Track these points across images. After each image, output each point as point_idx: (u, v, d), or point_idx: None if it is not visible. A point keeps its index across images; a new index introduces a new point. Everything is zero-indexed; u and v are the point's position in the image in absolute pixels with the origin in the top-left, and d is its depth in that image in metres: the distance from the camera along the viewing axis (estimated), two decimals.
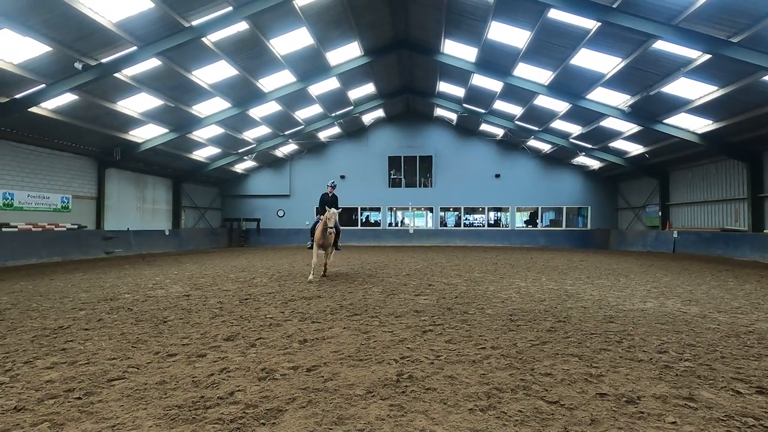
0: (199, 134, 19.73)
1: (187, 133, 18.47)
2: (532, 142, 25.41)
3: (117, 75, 12.98)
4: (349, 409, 2.91)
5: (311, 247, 9.81)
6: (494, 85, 18.68)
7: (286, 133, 23.50)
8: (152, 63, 13.14)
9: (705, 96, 13.92)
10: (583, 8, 11.14)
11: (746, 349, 4.34)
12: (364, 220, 28.75)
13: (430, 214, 28.63)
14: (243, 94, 17.11)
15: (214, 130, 19.85)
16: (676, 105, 15.21)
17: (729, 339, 4.74)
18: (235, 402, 3.03)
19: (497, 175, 27.15)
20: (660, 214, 22.15)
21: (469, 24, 14.61)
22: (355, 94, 21.15)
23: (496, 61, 16.33)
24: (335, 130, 26.27)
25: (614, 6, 10.94)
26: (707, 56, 11.43)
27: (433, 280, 9.69)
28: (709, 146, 16.57)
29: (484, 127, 25.67)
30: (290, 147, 26.70)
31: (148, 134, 18.11)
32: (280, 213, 28.38)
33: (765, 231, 15.60)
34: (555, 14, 12.19)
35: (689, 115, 15.70)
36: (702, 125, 16.03)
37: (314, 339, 4.70)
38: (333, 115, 23.00)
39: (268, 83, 16.99)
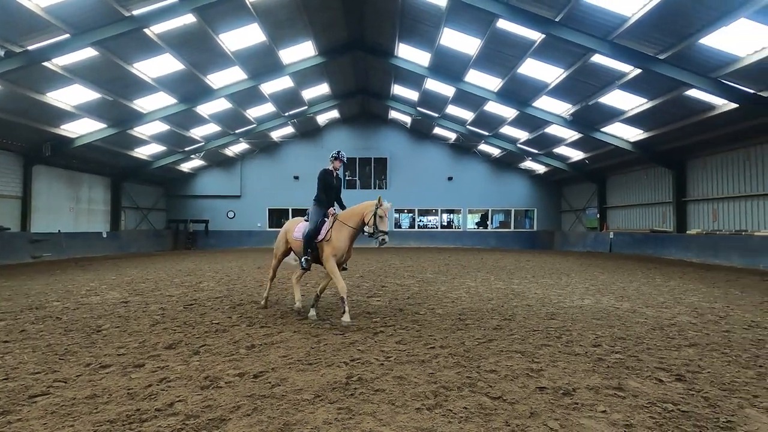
0: (142, 130, 18.63)
1: (127, 129, 17.38)
2: (483, 147, 26.29)
3: (46, 64, 11.96)
4: (296, 415, 2.85)
5: (303, 265, 5.95)
6: (447, 90, 19.14)
7: (236, 131, 22.74)
8: (87, 53, 12.24)
9: (636, 107, 15.07)
10: (528, 20, 11.69)
11: (668, 341, 4.73)
12: None
13: None
14: (190, 89, 16.36)
15: (159, 127, 18.82)
16: (612, 115, 16.34)
17: (654, 332, 5.15)
18: (175, 413, 2.89)
19: (450, 178, 27.82)
20: (598, 216, 23.69)
21: (422, 29, 14.89)
22: (309, 93, 20.87)
23: (449, 66, 16.76)
24: (289, 129, 25.78)
25: (557, 20, 11.58)
26: (638, 71, 12.38)
27: (386, 282, 9.75)
28: (640, 154, 17.94)
29: (437, 130, 26.23)
30: (241, 146, 25.88)
31: (82, 129, 16.84)
32: (231, 214, 27.41)
33: (688, 232, 17.12)
34: (503, 24, 12.69)
35: (623, 125, 16.93)
36: (634, 134, 17.33)
37: (262, 344, 4.58)
38: (286, 114, 22.56)
39: (217, 79, 16.36)
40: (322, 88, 20.91)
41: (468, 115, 21.87)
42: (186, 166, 25.80)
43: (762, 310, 6.48)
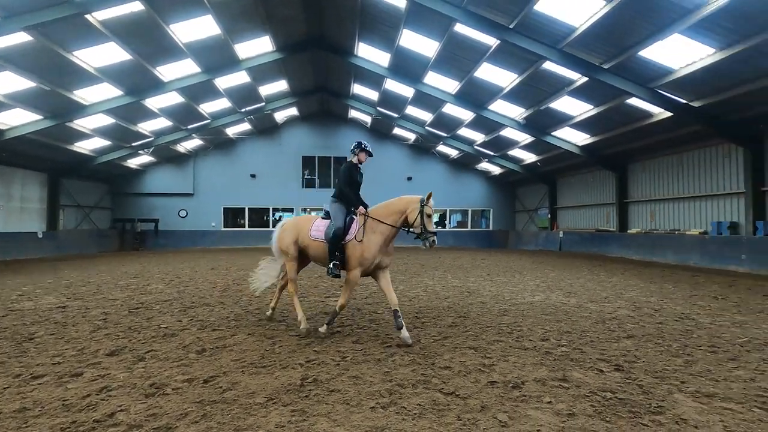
0: (83, 123, 17.41)
1: (66, 121, 16.17)
2: (442, 147, 26.79)
3: None
4: (248, 419, 2.78)
5: (336, 274, 5.04)
6: (406, 90, 19.32)
7: (189, 127, 21.77)
8: (20, 37, 11.27)
9: (584, 113, 15.91)
10: (484, 26, 12.03)
11: (609, 333, 5.04)
12: (276, 221, 27.82)
13: None
14: (138, 81, 15.48)
15: (103, 120, 17.66)
16: (562, 120, 17.16)
17: (597, 325, 5.46)
18: (116, 424, 2.73)
19: (409, 178, 28.11)
20: (549, 216, 24.81)
21: (382, 29, 14.94)
22: (266, 90, 20.37)
23: (408, 67, 16.93)
24: (245, 126, 25.05)
25: (511, 27, 12.00)
26: (585, 78, 13.07)
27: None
28: (587, 157, 18.95)
29: (397, 130, 26.43)
30: (194, 142, 24.82)
31: (14, 120, 15.49)
32: (183, 213, 26.24)
33: (629, 231, 18.30)
34: (461, 28, 12.99)
35: (572, 129, 17.82)
36: (582, 138, 18.29)
37: (214, 348, 4.42)
38: (243, 110, 21.89)
39: (167, 72, 15.59)
40: (281, 85, 20.48)
41: (427, 116, 22.20)
42: (134, 162, 24.42)
43: (691, 303, 7.05)
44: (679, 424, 2.71)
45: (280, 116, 25.51)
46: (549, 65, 13.29)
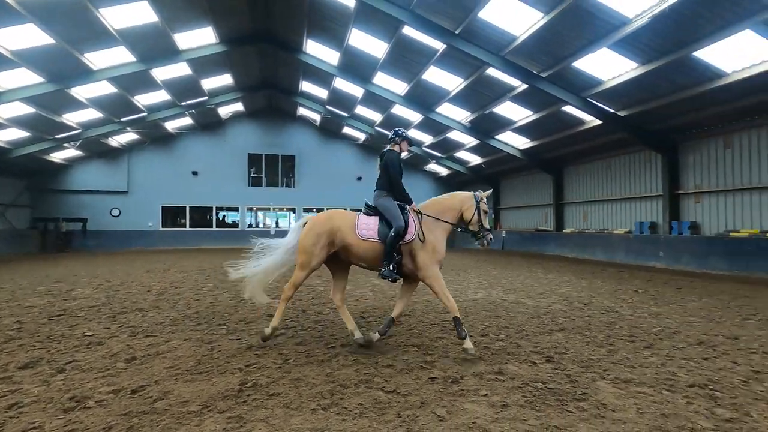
0: None
1: None
2: None
3: None
4: (179, 429, 2.64)
5: (396, 277, 4.46)
6: (356, 90, 19.31)
7: (123, 119, 20.30)
8: None
9: (524, 118, 16.76)
10: (431, 30, 12.30)
11: (543, 327, 5.35)
12: (220, 221, 26.71)
13: (293, 215, 28.11)
14: (63, 68, 14.18)
15: (20, 109, 15.99)
16: (504, 124, 17.96)
17: (533, 319, 5.77)
18: None
19: (359, 178, 28.11)
20: (493, 216, 25.87)
21: (331, 27, 14.81)
22: (209, 83, 19.47)
23: (358, 67, 16.93)
24: (186, 121, 23.78)
25: (457, 32, 12.37)
26: (525, 86, 13.77)
27: None
28: (527, 160, 19.98)
29: (347, 130, 26.34)
30: (129, 136, 23.20)
31: None
32: (115, 212, 24.43)
33: (564, 231, 19.52)
34: (409, 31, 13.19)
35: (514, 134, 18.70)
36: (523, 142, 19.25)
37: (145, 355, 4.16)
38: (183, 104, 20.76)
39: (98, 59, 14.43)
40: (225, 79, 19.66)
41: (377, 117, 22.32)
42: (58, 156, 22.36)
43: (615, 297, 7.65)
44: (599, 409, 2.93)
45: (224, 111, 24.52)
46: (492, 71, 13.85)
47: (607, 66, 11.82)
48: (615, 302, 7.11)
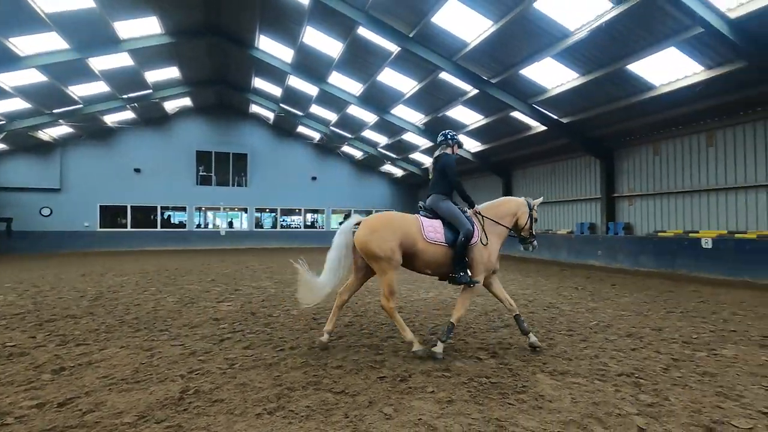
0: None
1: None
2: (347, 148, 26.96)
3: None
4: None
5: (474, 281, 4.34)
6: (311, 89, 19.06)
7: (54, 111, 18.75)
8: None
9: (476, 122, 17.30)
10: (386, 32, 12.40)
11: (490, 324, 5.55)
12: (165, 221, 25.37)
13: (244, 215, 27.25)
14: None
15: None
16: (457, 127, 18.43)
17: (480, 317, 5.98)
18: None
19: (314, 178, 27.77)
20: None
21: (284, 24, 14.53)
22: (154, 76, 18.43)
23: (312, 66, 16.72)
24: (128, 114, 22.36)
25: (411, 35, 12.55)
26: (476, 91, 14.22)
27: (241, 285, 9.22)
28: (479, 163, 20.64)
29: (301, 129, 25.93)
30: (62, 129, 21.44)
31: None
32: (46, 211, 22.50)
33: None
34: (364, 32, 13.21)
35: (466, 137, 19.24)
36: (474, 145, 19.86)
37: (76, 366, 3.87)
38: (124, 97, 19.51)
39: (25, 45, 13.23)
40: (171, 72, 18.70)
41: (332, 116, 22.16)
42: None
43: (557, 294, 8.09)
44: (537, 400, 3.09)
45: (170, 106, 23.31)
46: (445, 75, 14.18)
47: (551, 75, 12.46)
48: (557, 299, 7.51)
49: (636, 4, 8.76)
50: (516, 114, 15.15)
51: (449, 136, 4.84)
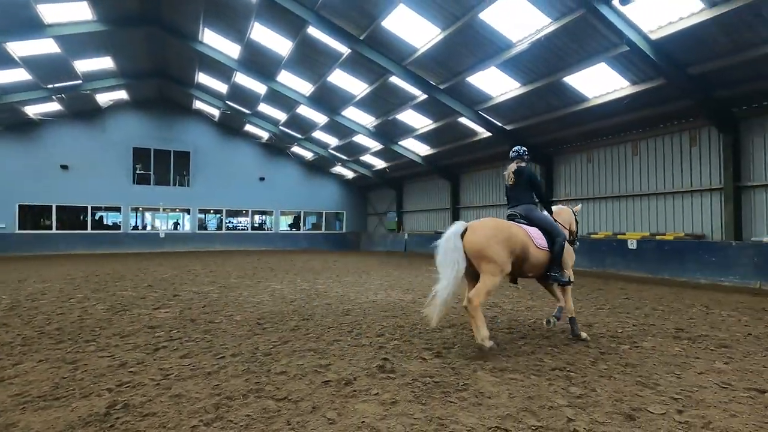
0: None
1: None
2: (297, 149, 26.50)
3: None
4: None
5: (570, 281, 4.99)
6: (259, 87, 18.55)
7: None
8: None
9: (425, 127, 17.67)
10: (336, 33, 12.36)
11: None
12: (96, 222, 23.52)
13: (187, 216, 25.91)
14: None
15: None
16: (407, 131, 18.74)
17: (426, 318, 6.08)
18: None
19: (262, 178, 27.00)
20: (396, 219, 26.80)
21: (230, 19, 14.03)
22: (84, 65, 17.06)
23: (261, 63, 16.29)
24: (53, 106, 20.50)
25: (361, 38, 12.59)
26: (425, 96, 14.54)
27: (180, 290, 8.75)
28: (428, 166, 21.09)
29: (249, 127, 25.14)
30: None
31: None
32: None
33: None
34: (314, 32, 13.07)
35: (416, 141, 19.61)
36: (424, 149, 20.28)
37: None
38: (50, 87, 17.89)
39: None
40: (104, 62, 17.40)
41: (281, 116, 21.69)
42: None
43: (500, 294, 8.43)
44: (477, 397, 3.20)
45: (103, 99, 21.67)
46: (395, 79, 14.37)
47: (496, 83, 13.02)
48: (499, 298, 7.83)
49: (571, 21, 9.39)
50: (463, 120, 15.65)
51: (522, 151, 5.31)
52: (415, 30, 11.85)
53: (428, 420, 2.82)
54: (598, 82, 11.44)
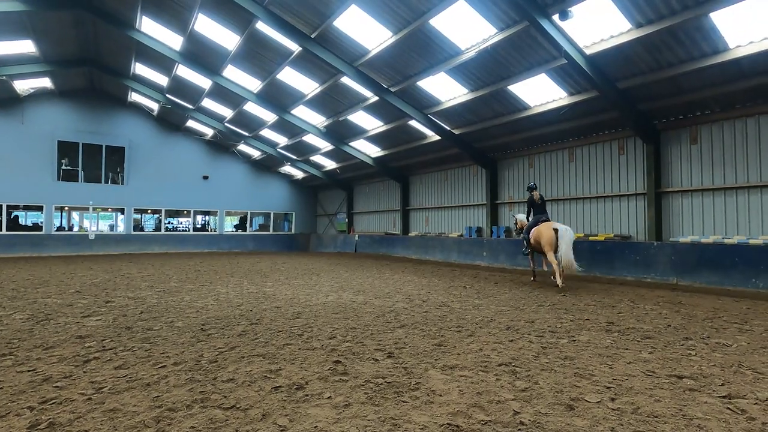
0: None
1: None
2: (243, 147, 25.59)
3: None
4: None
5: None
6: (203, 81, 17.73)
7: None
8: None
9: (376, 128, 17.77)
10: (286, 29, 12.09)
11: (387, 325, 5.71)
12: (12, 223, 21.24)
13: (120, 217, 24.13)
14: None
15: None
16: (358, 132, 18.74)
17: (378, 318, 6.12)
18: None
19: (206, 177, 25.80)
20: (347, 220, 26.69)
21: (171, 7, 13.28)
22: (0, 48, 15.38)
23: (205, 56, 15.57)
24: None
25: (312, 36, 12.42)
26: (376, 98, 14.63)
27: (114, 296, 8.12)
28: (379, 168, 21.21)
29: (191, 123, 23.91)
30: None
31: None
32: None
33: (410, 234, 21.31)
34: (263, 27, 12.70)
35: (366, 142, 19.66)
36: (374, 151, 20.38)
37: None
38: None
39: None
40: (24, 46, 15.79)
41: (227, 113, 20.85)
42: None
43: (448, 293, 8.67)
44: (429, 395, 3.26)
45: (22, 86, 19.65)
46: (346, 80, 14.33)
47: (445, 88, 13.39)
48: (448, 297, 8.04)
49: (515, 32, 9.87)
50: (413, 123, 15.93)
51: (534, 185, 10.19)
52: (367, 31, 11.89)
53: (381, 421, 2.83)
54: (539, 92, 12.12)
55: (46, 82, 20.00)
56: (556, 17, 9.07)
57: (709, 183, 10.75)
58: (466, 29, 10.66)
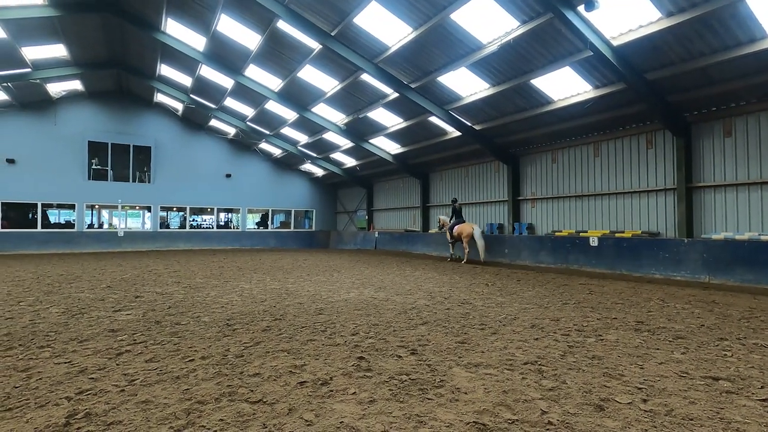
0: None
1: None
2: (264, 145, 25.95)
3: None
4: None
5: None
6: (225, 81, 18.03)
7: None
8: None
9: (396, 125, 17.72)
10: (306, 27, 12.16)
11: (409, 321, 5.70)
12: (47, 221, 22.14)
13: (147, 214, 24.84)
14: None
15: None
16: (378, 129, 18.73)
17: (400, 315, 6.11)
18: None
19: (228, 175, 26.28)
20: (367, 217, 26.76)
21: (195, 9, 13.53)
22: (33, 53, 15.99)
23: (227, 56, 15.82)
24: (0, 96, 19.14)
25: (333, 34, 12.46)
26: (396, 94, 14.57)
27: (143, 291, 8.37)
28: (398, 165, 21.17)
29: (214, 123, 24.38)
30: None
31: None
32: None
33: (430, 231, 21.21)
34: (284, 26, 12.81)
35: (386, 139, 19.63)
36: (394, 147, 20.33)
37: None
38: None
39: None
40: (56, 50, 16.37)
41: (249, 111, 21.16)
42: None
43: (470, 290, 8.59)
44: (454, 393, 3.23)
45: (55, 89, 20.42)
46: (366, 77, 14.32)
47: (466, 84, 13.23)
48: (470, 295, 7.97)
49: (539, 25, 9.65)
50: (433, 119, 15.82)
51: (455, 198, 14.59)
52: (386, 28, 11.84)
53: (407, 418, 2.82)
54: (563, 85, 11.84)
55: (76, 85, 20.73)
56: (581, 8, 8.82)
57: (744, 177, 10.30)
58: (488, 23, 10.50)
